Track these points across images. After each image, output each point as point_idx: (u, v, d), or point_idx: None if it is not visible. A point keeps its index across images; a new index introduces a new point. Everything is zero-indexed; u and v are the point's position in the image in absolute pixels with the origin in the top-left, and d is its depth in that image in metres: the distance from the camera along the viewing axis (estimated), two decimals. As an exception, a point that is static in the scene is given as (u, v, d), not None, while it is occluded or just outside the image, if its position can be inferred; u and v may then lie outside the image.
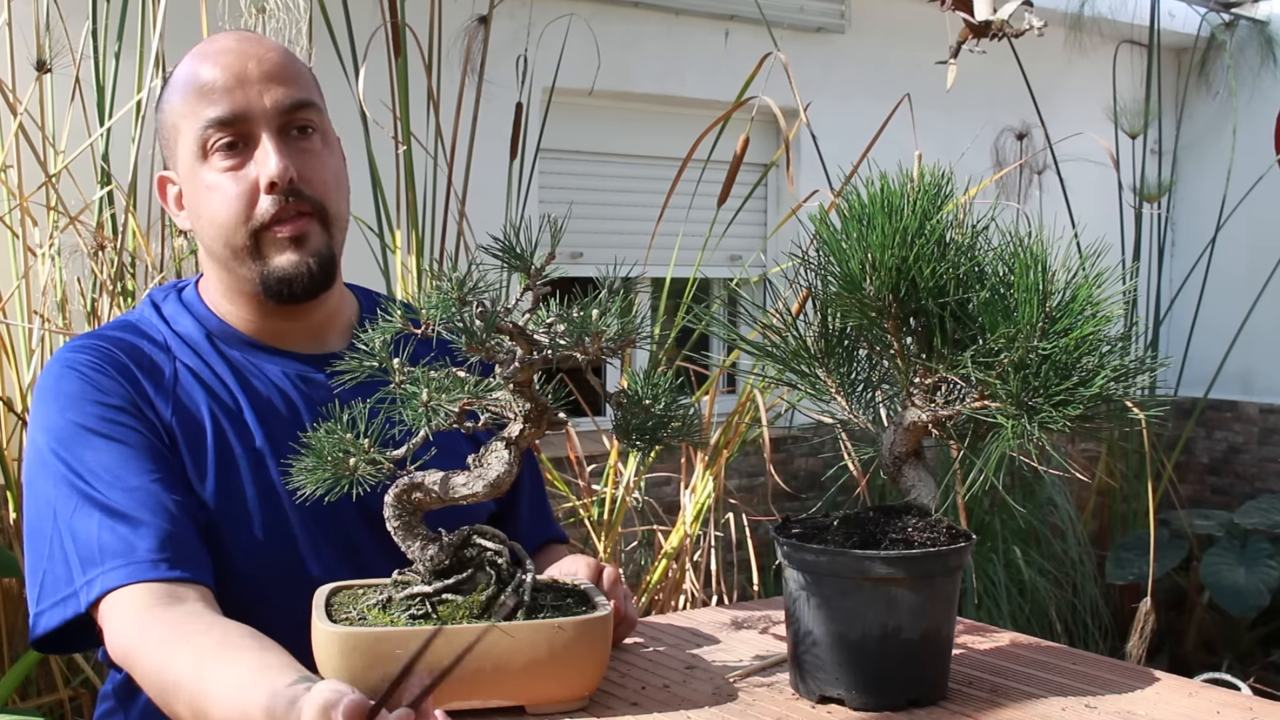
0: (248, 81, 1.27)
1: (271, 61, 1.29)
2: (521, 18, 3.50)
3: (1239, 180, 4.92)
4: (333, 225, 1.32)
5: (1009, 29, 1.49)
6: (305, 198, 1.29)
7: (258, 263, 1.29)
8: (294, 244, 1.29)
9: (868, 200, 1.10)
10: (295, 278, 1.29)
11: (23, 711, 2.24)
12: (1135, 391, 1.10)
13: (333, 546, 1.30)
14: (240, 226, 1.28)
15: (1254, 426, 5.55)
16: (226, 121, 1.27)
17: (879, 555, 1.07)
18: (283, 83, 1.29)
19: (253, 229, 1.28)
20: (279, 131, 1.28)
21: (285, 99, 1.28)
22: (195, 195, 1.30)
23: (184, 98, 1.29)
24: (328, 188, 1.31)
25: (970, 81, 2.65)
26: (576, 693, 1.08)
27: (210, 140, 1.27)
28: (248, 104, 1.27)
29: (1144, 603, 2.73)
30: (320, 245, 1.30)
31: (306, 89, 1.32)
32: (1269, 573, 4.37)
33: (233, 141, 1.27)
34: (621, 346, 1.04)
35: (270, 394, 1.32)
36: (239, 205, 1.27)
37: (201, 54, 1.30)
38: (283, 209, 1.27)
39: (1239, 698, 1.14)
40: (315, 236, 1.30)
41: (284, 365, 1.34)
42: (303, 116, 1.30)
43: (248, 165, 1.27)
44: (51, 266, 2.45)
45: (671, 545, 2.71)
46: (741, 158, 2.72)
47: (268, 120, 1.27)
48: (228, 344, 1.33)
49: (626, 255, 1.39)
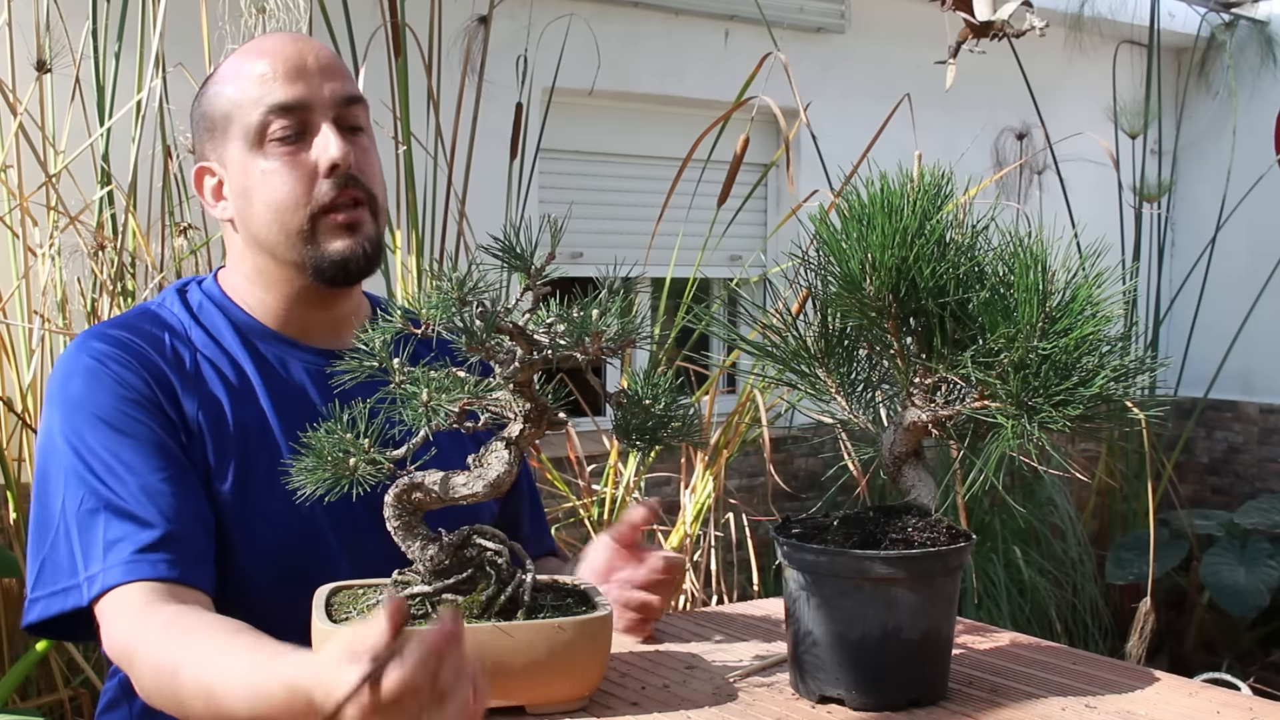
0: (307, 72, 1.31)
1: (327, 56, 1.35)
2: (521, 18, 3.50)
3: (1239, 180, 4.92)
4: (380, 215, 1.37)
5: (1009, 29, 1.49)
6: (360, 185, 1.33)
7: (310, 247, 1.32)
8: (348, 230, 1.32)
9: (868, 200, 1.10)
10: (350, 259, 1.32)
11: (23, 711, 2.24)
12: (1135, 391, 1.10)
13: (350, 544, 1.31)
14: (299, 209, 1.31)
15: (1254, 426, 5.55)
16: (289, 107, 1.30)
17: (879, 555, 1.07)
18: (338, 77, 1.34)
19: (311, 211, 1.31)
20: (337, 123, 1.32)
21: (342, 92, 1.33)
22: (246, 182, 1.32)
23: (239, 88, 1.32)
24: (376, 181, 1.36)
25: (970, 81, 2.65)
26: (576, 693, 1.08)
27: (270, 126, 1.30)
28: (309, 93, 1.31)
29: (1144, 603, 2.73)
30: (371, 232, 1.35)
31: (356, 86, 1.37)
32: (1269, 573, 4.37)
33: (291, 130, 1.30)
34: (621, 346, 1.04)
35: (293, 387, 1.34)
36: (299, 188, 1.30)
37: (255, 50, 1.34)
38: (341, 194, 1.31)
39: (1239, 698, 1.14)
40: (367, 224, 1.34)
41: (306, 359, 1.36)
42: (355, 113, 1.35)
43: (304, 152, 1.31)
44: (51, 266, 2.45)
45: (671, 545, 2.71)
46: (741, 158, 2.72)
47: (325, 110, 1.32)
48: (252, 335, 1.36)
49: (626, 255, 1.39)
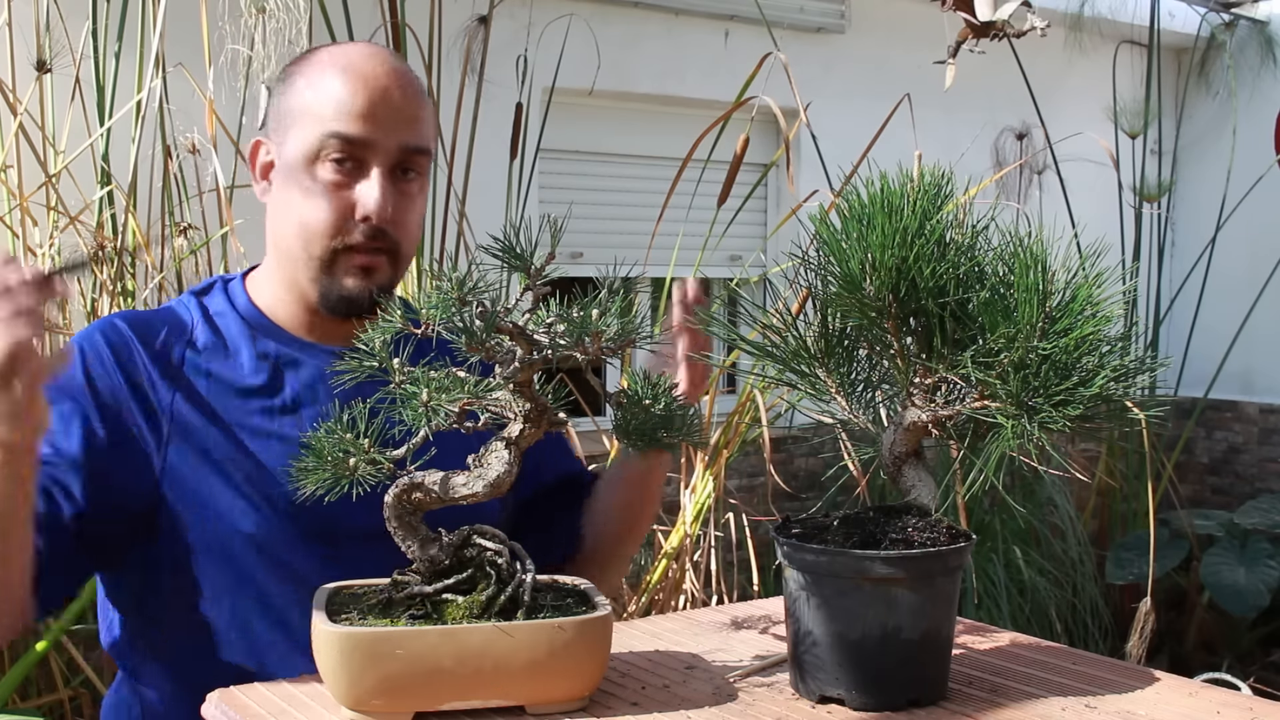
0: (382, 114, 1.30)
1: (413, 102, 1.34)
2: (521, 18, 3.50)
3: (1239, 180, 4.92)
4: (399, 264, 1.37)
5: (1010, 29, 1.49)
6: (388, 237, 1.33)
7: (326, 276, 1.33)
8: (364, 273, 1.33)
9: (868, 200, 1.10)
10: (357, 300, 1.34)
11: (23, 711, 2.25)
12: (1135, 391, 1.10)
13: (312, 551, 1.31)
14: (325, 239, 1.31)
15: (1254, 426, 5.55)
16: (350, 140, 1.30)
17: (879, 555, 1.07)
18: (412, 125, 1.33)
19: (334, 247, 1.32)
20: (389, 169, 1.32)
21: (410, 142, 1.33)
22: (290, 189, 1.33)
23: (318, 96, 1.31)
24: (409, 234, 1.36)
25: (970, 81, 2.65)
26: (576, 693, 1.08)
27: (326, 150, 1.30)
28: (375, 134, 1.30)
29: (1144, 603, 2.73)
30: (385, 280, 1.35)
31: (429, 136, 1.36)
32: (1269, 573, 4.37)
33: (346, 159, 1.30)
34: (621, 346, 1.04)
35: (302, 389, 1.36)
36: (331, 219, 1.31)
37: (348, 63, 1.32)
38: (366, 241, 1.32)
39: (1239, 698, 1.14)
40: (383, 271, 1.34)
41: (319, 360, 1.37)
42: (415, 162, 1.35)
43: (351, 187, 1.31)
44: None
45: (671, 545, 2.71)
46: (741, 158, 2.72)
47: (386, 155, 1.31)
48: (263, 333, 1.37)
49: (626, 255, 1.39)
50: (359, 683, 1.02)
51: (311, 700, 1.10)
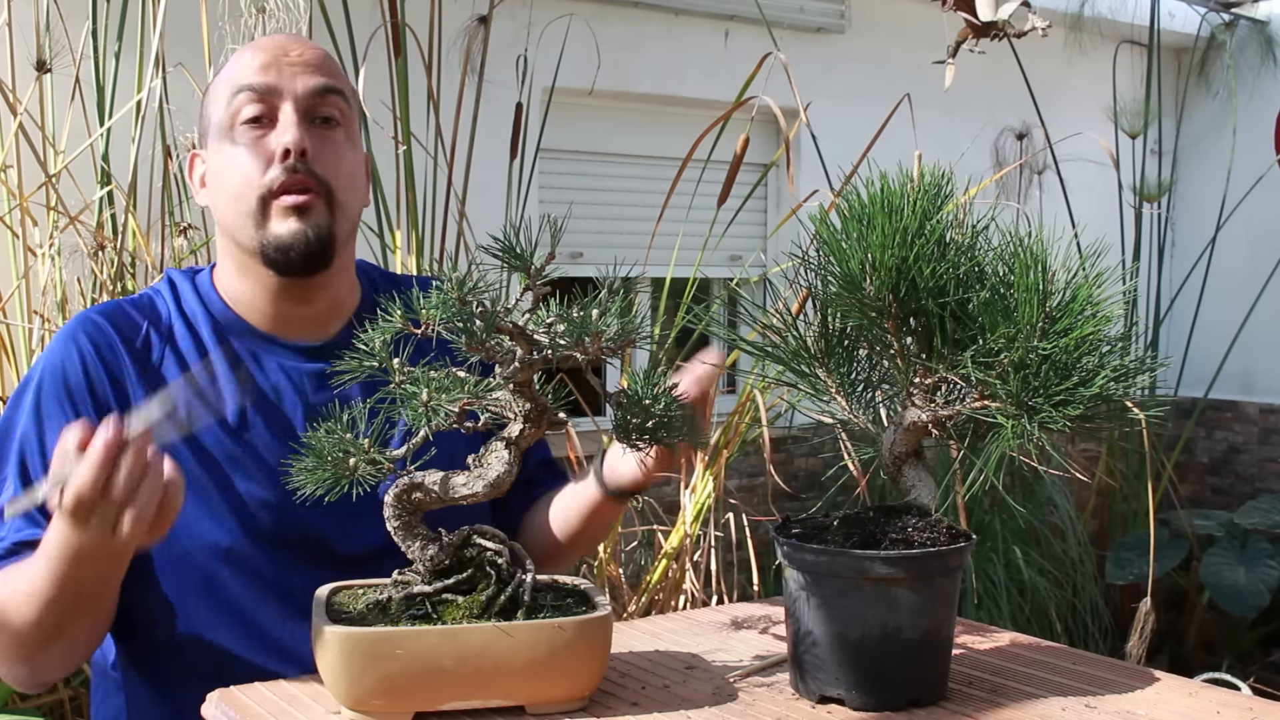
0: (284, 64, 1.34)
1: (312, 54, 1.37)
2: (521, 18, 3.50)
3: (1239, 180, 4.92)
4: (338, 210, 1.35)
5: (1010, 29, 1.49)
6: (314, 175, 1.32)
7: (260, 231, 1.32)
8: (296, 213, 1.32)
9: (868, 200, 1.10)
10: (292, 245, 1.32)
11: (23, 711, 2.25)
12: (1135, 391, 1.10)
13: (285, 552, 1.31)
14: (250, 190, 1.32)
15: (1254, 426, 5.55)
16: (256, 90, 1.32)
17: (879, 555, 1.07)
18: (317, 70, 1.35)
19: (261, 194, 1.31)
20: (304, 113, 1.33)
21: (315, 84, 1.34)
22: (217, 166, 1.35)
23: (225, 75, 1.36)
24: (339, 174, 1.35)
25: (970, 81, 2.65)
26: (576, 693, 1.08)
27: (239, 110, 1.32)
28: (279, 81, 1.33)
29: (1144, 603, 2.73)
30: (321, 220, 1.33)
31: (339, 82, 1.37)
32: (1269, 573, 4.37)
33: (259, 113, 1.32)
34: (621, 346, 1.04)
35: (267, 387, 1.35)
36: (252, 168, 1.32)
37: (251, 44, 1.39)
38: (291, 179, 1.31)
39: (1239, 698, 1.14)
40: (318, 212, 1.33)
41: (283, 358, 1.37)
42: (330, 103, 1.35)
43: (268, 138, 1.32)
44: (51, 266, 2.45)
45: (671, 545, 2.71)
46: (741, 158, 2.72)
47: (295, 99, 1.33)
48: (230, 333, 1.37)
49: (626, 255, 1.39)
50: (359, 683, 1.02)
51: (312, 700, 1.10)
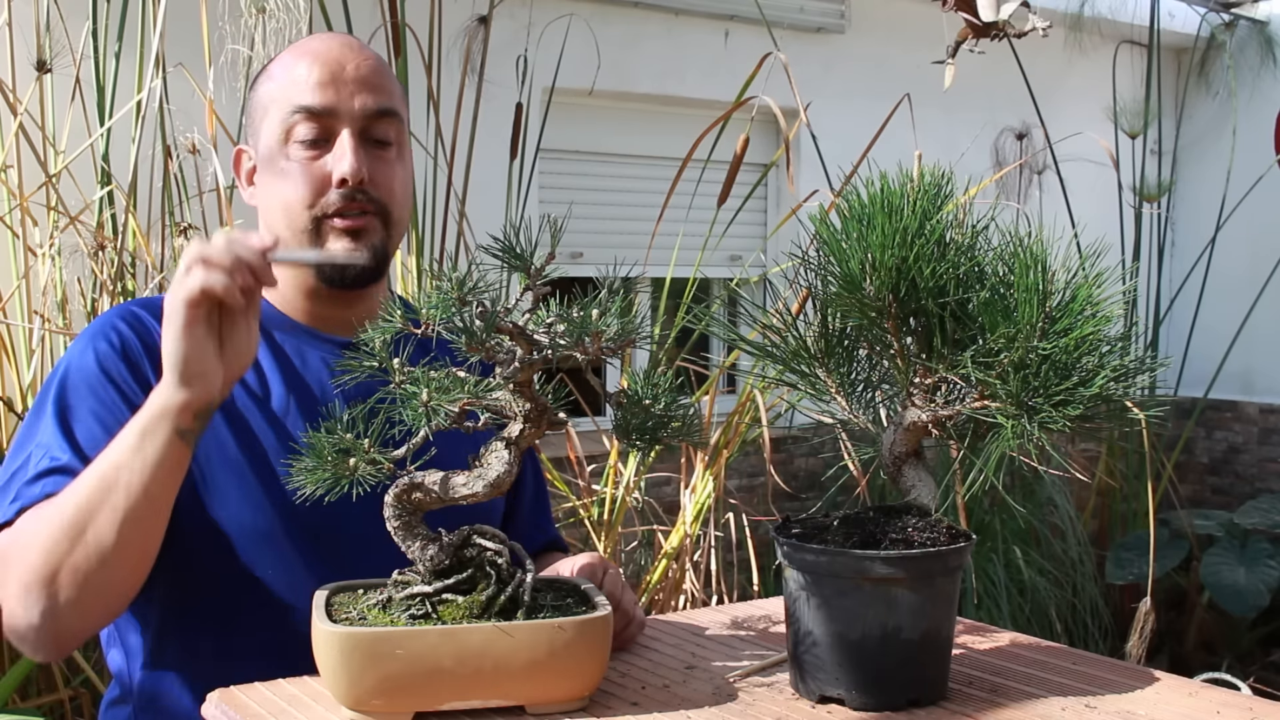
0: (342, 81, 1.33)
1: (368, 67, 1.36)
2: (521, 18, 3.50)
3: (1239, 180, 4.92)
4: (392, 228, 1.38)
5: (1010, 29, 1.49)
6: (371, 199, 1.34)
7: (314, 248, 1.34)
8: (351, 235, 1.34)
9: (868, 200, 1.10)
10: (348, 265, 1.34)
11: (23, 711, 2.25)
12: (1135, 391, 1.10)
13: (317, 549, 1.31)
14: (304, 210, 1.33)
15: (1254, 426, 5.55)
16: (315, 112, 1.32)
17: (879, 555, 1.07)
18: (374, 90, 1.35)
19: (315, 215, 1.33)
20: (359, 135, 1.34)
21: (373, 105, 1.34)
22: (268, 176, 1.36)
23: (280, 84, 1.35)
24: (394, 194, 1.37)
25: (970, 81, 2.65)
26: (576, 693, 1.08)
27: (295, 127, 1.33)
28: (337, 101, 1.33)
29: (1144, 603, 2.73)
30: (377, 240, 1.36)
31: (394, 100, 1.38)
32: (1269, 573, 4.37)
33: (315, 134, 1.33)
34: (621, 346, 1.04)
35: (310, 380, 1.37)
36: (307, 191, 1.32)
37: (304, 49, 1.37)
38: (348, 205, 1.33)
39: (1239, 698, 1.14)
40: (374, 232, 1.35)
41: (326, 351, 1.38)
42: (385, 126, 1.36)
43: (324, 158, 1.33)
44: (51, 266, 2.45)
45: (671, 545, 2.71)
46: (741, 158, 2.72)
47: (352, 121, 1.33)
48: (273, 327, 1.38)
49: (626, 255, 1.39)
50: (359, 683, 1.02)
51: (312, 700, 1.10)
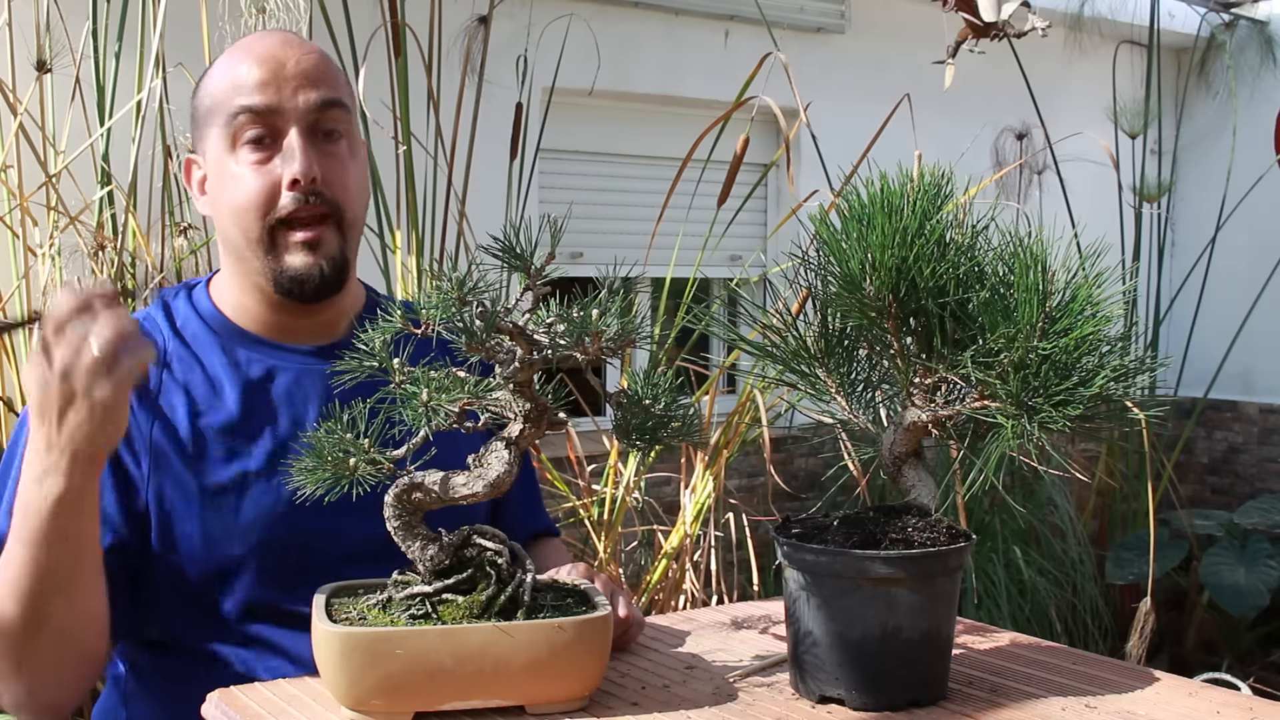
0: (283, 78, 1.30)
1: (309, 62, 1.33)
2: (521, 18, 3.50)
3: (1239, 180, 4.92)
4: (348, 230, 1.35)
5: (1011, 29, 1.49)
6: (325, 199, 1.31)
7: (271, 258, 1.31)
8: (308, 248, 1.31)
9: (868, 200, 1.10)
10: (307, 279, 1.31)
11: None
12: (1135, 391, 1.10)
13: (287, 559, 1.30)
14: (258, 218, 1.30)
15: (1254, 426, 5.54)
16: (258, 112, 1.29)
17: (879, 555, 1.07)
18: (316, 84, 1.32)
19: (270, 223, 1.30)
20: (307, 131, 1.31)
21: (316, 98, 1.31)
22: (219, 183, 1.33)
23: (221, 87, 1.32)
24: (348, 193, 1.34)
25: (970, 81, 2.65)
26: (576, 693, 1.08)
27: (240, 130, 1.30)
28: (280, 99, 1.30)
29: (1144, 603, 2.73)
30: (334, 249, 1.33)
31: (338, 91, 1.35)
32: (1269, 573, 4.37)
33: (261, 135, 1.30)
34: (621, 346, 1.04)
35: (272, 392, 1.34)
36: (259, 197, 1.30)
37: (243, 49, 1.34)
38: (301, 208, 1.30)
39: (1239, 698, 1.14)
40: (330, 241, 1.32)
41: (288, 361, 1.36)
42: (332, 117, 1.33)
43: (273, 160, 1.30)
44: (51, 266, 2.45)
45: (671, 545, 2.71)
46: (741, 158, 2.72)
47: (298, 118, 1.30)
48: (233, 341, 1.35)
49: (626, 255, 1.39)
50: (359, 683, 1.02)
51: (312, 700, 1.10)
